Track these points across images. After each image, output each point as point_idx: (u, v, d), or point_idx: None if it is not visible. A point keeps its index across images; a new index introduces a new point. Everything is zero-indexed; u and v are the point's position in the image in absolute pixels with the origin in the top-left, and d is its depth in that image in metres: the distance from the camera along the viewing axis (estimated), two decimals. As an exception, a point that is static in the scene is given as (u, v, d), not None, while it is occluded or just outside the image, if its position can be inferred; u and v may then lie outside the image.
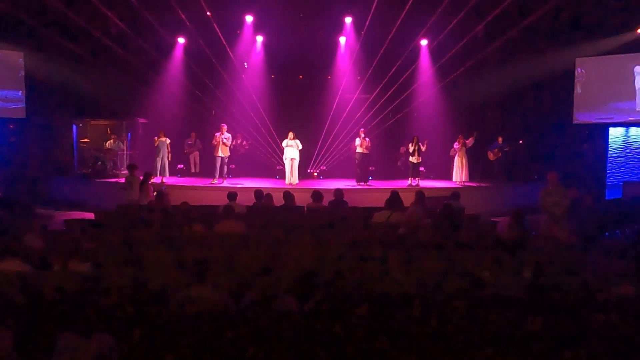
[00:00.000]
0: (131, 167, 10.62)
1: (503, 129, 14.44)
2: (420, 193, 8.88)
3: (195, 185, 13.00)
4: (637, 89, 13.54)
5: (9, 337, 3.24)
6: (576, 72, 14.16)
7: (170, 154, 13.45)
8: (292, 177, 13.09)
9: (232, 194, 8.56)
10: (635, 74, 13.51)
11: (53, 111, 14.73)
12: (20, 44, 13.83)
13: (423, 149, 12.94)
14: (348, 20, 14.28)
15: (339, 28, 14.56)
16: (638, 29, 13.15)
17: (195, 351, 3.30)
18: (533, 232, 7.38)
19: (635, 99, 13.61)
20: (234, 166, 14.33)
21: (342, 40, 14.95)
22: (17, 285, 4.22)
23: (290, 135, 13.01)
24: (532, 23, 12.15)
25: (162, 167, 13.32)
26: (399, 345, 3.30)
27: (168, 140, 13.34)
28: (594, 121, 14.23)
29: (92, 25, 12.64)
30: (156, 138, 13.31)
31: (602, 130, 14.42)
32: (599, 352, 3.25)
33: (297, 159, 13.10)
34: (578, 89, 14.21)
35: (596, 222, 8.58)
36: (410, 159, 13.09)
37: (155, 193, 9.76)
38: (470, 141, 13.26)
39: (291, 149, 12.97)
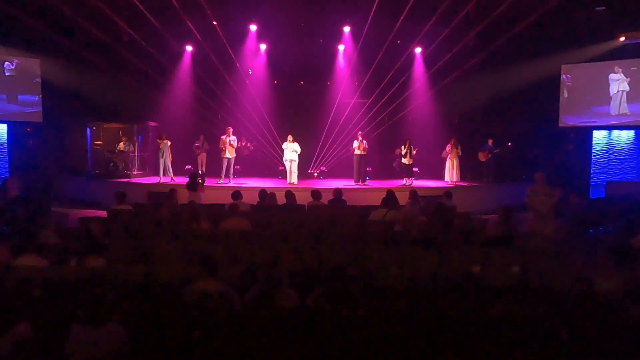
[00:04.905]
0: None
1: (493, 131, 14.43)
2: (413, 192, 8.90)
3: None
4: (611, 94, 13.55)
5: (27, 325, 3.25)
6: (562, 78, 14.17)
7: (171, 155, 13.41)
8: (291, 177, 13.09)
9: (236, 193, 8.56)
10: (610, 80, 13.52)
11: (68, 115, 14.72)
12: (37, 51, 13.84)
13: (414, 152, 12.95)
14: (346, 29, 14.28)
15: (337, 37, 14.56)
16: (621, 37, 13.16)
17: (201, 342, 3.29)
18: (520, 229, 7.37)
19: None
20: (238, 167, 14.32)
21: (341, 48, 14.94)
22: (33, 279, 4.22)
23: (289, 138, 13.02)
24: (521, 32, 12.14)
25: (166, 167, 13.30)
26: (397, 338, 3.30)
27: (169, 143, 13.31)
28: (578, 124, 14.24)
29: (105, 34, 12.64)
30: (159, 140, 13.29)
31: (586, 133, 14.43)
32: (586, 343, 3.26)
33: (296, 160, 13.09)
34: (564, 94, 14.22)
35: (581, 220, 8.58)
36: (403, 160, 13.10)
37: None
38: (460, 150, 13.29)
39: (290, 151, 12.98)
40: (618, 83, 13.39)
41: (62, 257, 5.23)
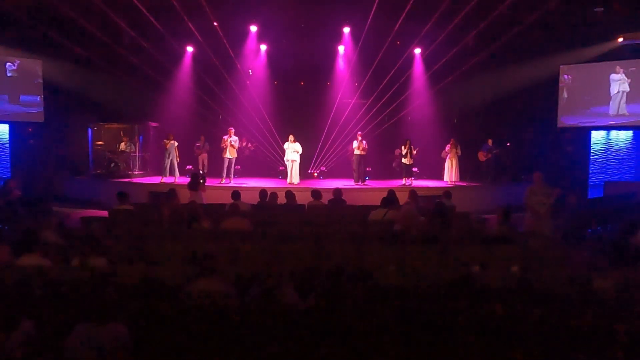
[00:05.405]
0: None
1: (492, 132, 14.45)
2: (413, 192, 8.91)
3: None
4: (612, 95, 13.56)
5: (30, 323, 3.26)
6: (561, 78, 14.18)
7: (178, 155, 13.45)
8: (292, 177, 13.11)
9: (235, 193, 8.56)
10: (611, 81, 13.54)
11: (69, 115, 14.74)
12: (39, 52, 13.85)
13: (414, 152, 12.96)
14: (346, 30, 14.29)
15: (337, 37, 14.58)
16: (619, 38, 13.17)
17: (202, 340, 3.30)
18: (519, 229, 7.38)
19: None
20: (239, 167, 14.33)
21: (341, 49, 14.96)
22: (36, 279, 4.23)
23: (291, 138, 13.05)
24: (519, 32, 12.15)
25: (172, 167, 13.33)
26: (396, 337, 3.30)
27: (176, 143, 13.35)
28: (576, 124, 14.25)
29: (106, 34, 12.66)
30: (166, 140, 13.29)
31: (584, 133, 14.44)
32: (582, 339, 3.26)
33: (297, 160, 13.11)
34: (564, 94, 14.22)
35: (579, 220, 8.59)
36: (403, 160, 13.10)
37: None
38: (459, 150, 13.31)
39: (291, 151, 12.99)
40: (619, 83, 13.41)
41: (64, 256, 5.23)
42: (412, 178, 13.33)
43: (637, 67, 13.19)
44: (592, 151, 14.45)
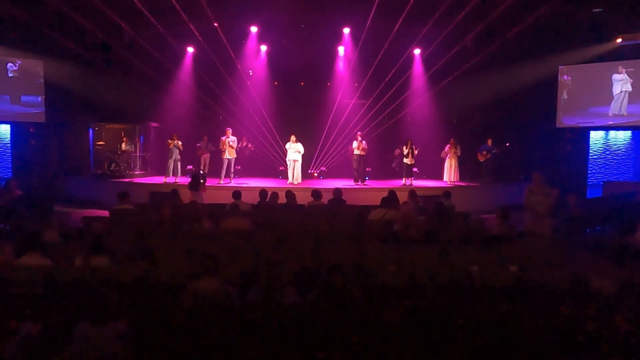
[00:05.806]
0: None
1: (491, 132, 14.44)
2: (412, 192, 8.91)
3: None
4: (614, 95, 13.56)
5: (33, 324, 3.27)
6: (561, 79, 14.18)
7: (181, 155, 13.44)
8: (294, 177, 13.12)
9: (236, 193, 8.57)
10: (613, 81, 13.53)
11: (70, 115, 14.74)
12: (40, 52, 13.86)
13: (415, 152, 12.96)
14: (346, 30, 14.30)
15: (337, 38, 14.58)
16: (618, 38, 13.17)
17: (203, 340, 3.30)
18: (518, 229, 7.37)
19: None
20: (239, 167, 14.34)
21: (341, 49, 14.96)
22: (37, 278, 4.23)
23: (293, 138, 13.06)
24: (518, 33, 12.15)
25: (175, 168, 13.33)
26: (395, 337, 3.31)
27: (180, 143, 13.34)
28: (576, 125, 14.25)
29: (108, 35, 12.67)
30: (170, 141, 13.28)
31: (583, 134, 14.44)
32: (582, 339, 3.27)
33: (300, 160, 13.12)
34: (564, 95, 14.22)
35: (578, 220, 8.58)
36: (405, 160, 13.09)
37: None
38: (459, 150, 13.31)
39: (293, 151, 13.00)
40: (621, 84, 13.40)
41: (66, 256, 5.24)
42: (412, 178, 13.33)
43: (635, 68, 13.19)
44: (590, 151, 14.46)
